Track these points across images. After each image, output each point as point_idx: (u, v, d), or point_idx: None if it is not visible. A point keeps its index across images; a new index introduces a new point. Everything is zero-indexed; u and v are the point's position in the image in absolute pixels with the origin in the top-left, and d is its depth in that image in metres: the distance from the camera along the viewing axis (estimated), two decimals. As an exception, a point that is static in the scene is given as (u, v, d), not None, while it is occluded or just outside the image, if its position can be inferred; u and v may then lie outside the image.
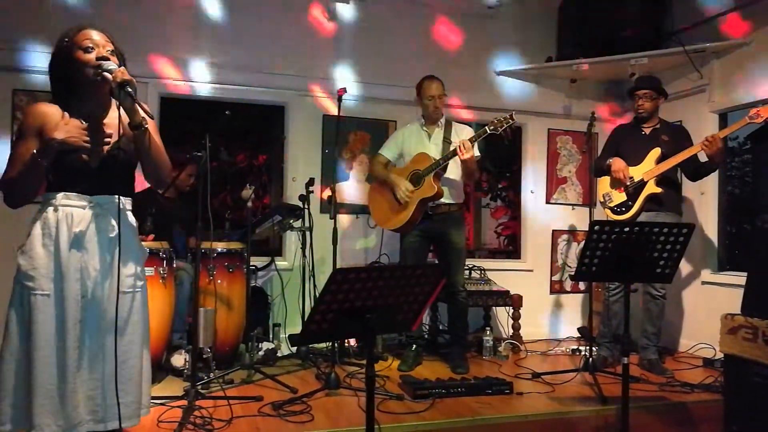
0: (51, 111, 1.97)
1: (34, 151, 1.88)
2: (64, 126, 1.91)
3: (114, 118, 2.02)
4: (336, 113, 3.74)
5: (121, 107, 1.92)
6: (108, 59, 1.95)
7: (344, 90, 3.72)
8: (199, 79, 4.36)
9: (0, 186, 1.98)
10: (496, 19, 4.98)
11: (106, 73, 1.91)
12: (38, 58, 3.88)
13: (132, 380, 2.02)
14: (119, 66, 1.95)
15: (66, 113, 1.97)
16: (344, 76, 4.63)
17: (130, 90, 1.87)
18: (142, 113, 1.93)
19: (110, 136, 2.00)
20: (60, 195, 1.95)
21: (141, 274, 2.11)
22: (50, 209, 1.94)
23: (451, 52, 4.88)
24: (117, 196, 2.01)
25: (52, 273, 1.91)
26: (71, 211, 1.94)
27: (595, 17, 4.66)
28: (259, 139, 7.08)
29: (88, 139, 1.91)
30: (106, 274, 1.97)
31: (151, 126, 2.03)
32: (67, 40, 1.98)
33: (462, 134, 3.79)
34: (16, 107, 3.94)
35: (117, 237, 1.98)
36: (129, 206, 2.10)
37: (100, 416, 1.94)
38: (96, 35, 1.99)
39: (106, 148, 2.00)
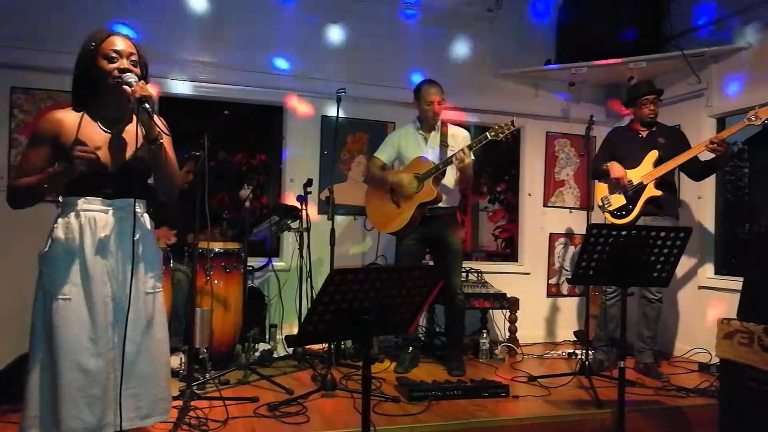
0: (68, 118, 1.97)
1: (39, 177, 1.87)
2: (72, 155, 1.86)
3: (134, 126, 2.03)
4: (334, 114, 3.73)
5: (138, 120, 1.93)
6: (130, 71, 1.94)
7: (343, 91, 3.72)
8: (198, 78, 4.36)
9: (8, 188, 1.99)
10: (495, 21, 4.99)
11: (125, 87, 1.91)
12: (36, 56, 3.87)
13: (165, 377, 2.11)
14: (140, 77, 1.95)
15: (85, 116, 1.97)
16: (343, 77, 4.62)
17: (147, 106, 1.87)
18: (158, 129, 1.93)
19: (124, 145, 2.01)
20: (81, 200, 1.95)
21: (160, 276, 2.14)
22: (72, 214, 1.94)
23: (450, 55, 4.88)
24: (135, 200, 2.01)
25: (77, 278, 1.91)
26: (93, 215, 1.95)
27: (593, 20, 4.66)
28: (257, 139, 7.07)
29: (93, 155, 1.88)
30: (132, 276, 1.97)
31: (166, 141, 2.02)
32: (93, 44, 1.96)
33: (458, 137, 3.77)
34: (14, 105, 3.93)
35: (139, 240, 2.00)
36: (145, 209, 2.12)
37: (145, 412, 2.00)
38: (121, 44, 1.97)
39: (126, 155, 2.00)
